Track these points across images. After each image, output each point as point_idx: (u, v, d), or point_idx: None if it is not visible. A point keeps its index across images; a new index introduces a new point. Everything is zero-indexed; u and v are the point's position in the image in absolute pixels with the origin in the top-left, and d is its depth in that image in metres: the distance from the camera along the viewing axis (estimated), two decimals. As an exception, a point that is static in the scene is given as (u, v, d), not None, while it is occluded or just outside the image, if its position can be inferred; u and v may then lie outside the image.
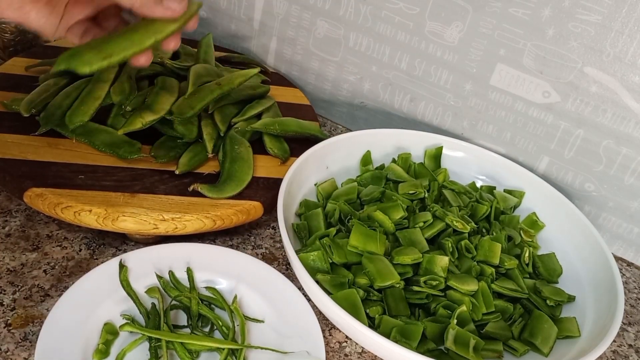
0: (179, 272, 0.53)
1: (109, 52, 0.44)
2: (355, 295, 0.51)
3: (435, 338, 0.51)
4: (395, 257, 0.54)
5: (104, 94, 0.63)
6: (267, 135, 0.67)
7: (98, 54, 0.43)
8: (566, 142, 0.70)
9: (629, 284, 0.68)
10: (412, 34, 0.73)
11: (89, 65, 0.43)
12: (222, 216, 0.56)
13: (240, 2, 0.85)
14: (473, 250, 0.58)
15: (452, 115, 0.76)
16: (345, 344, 0.54)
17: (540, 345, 0.52)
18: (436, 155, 0.71)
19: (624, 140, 0.66)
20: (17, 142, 0.59)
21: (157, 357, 0.47)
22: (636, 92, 0.63)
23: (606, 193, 0.70)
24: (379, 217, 0.58)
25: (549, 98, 0.68)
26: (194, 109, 0.62)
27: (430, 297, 0.54)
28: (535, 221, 0.67)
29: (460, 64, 0.72)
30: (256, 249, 0.61)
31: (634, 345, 0.60)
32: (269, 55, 0.87)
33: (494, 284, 0.56)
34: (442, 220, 0.59)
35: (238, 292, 0.53)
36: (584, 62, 0.64)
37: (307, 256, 0.54)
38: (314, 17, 0.80)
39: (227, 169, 0.60)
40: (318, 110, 0.86)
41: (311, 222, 0.60)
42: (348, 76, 0.81)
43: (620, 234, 0.71)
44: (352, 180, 0.68)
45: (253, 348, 0.49)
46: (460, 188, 0.67)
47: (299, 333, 0.50)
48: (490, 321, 0.53)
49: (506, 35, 0.67)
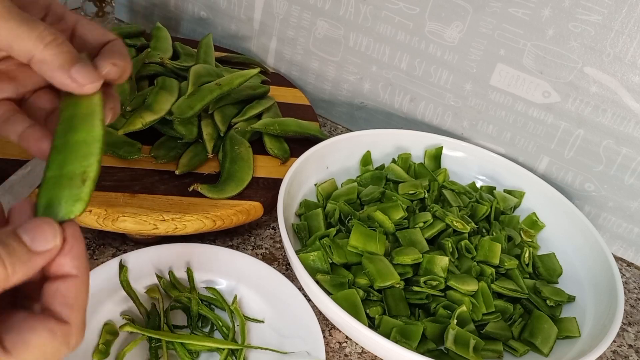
0: (179, 272, 0.53)
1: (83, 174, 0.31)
2: (355, 296, 0.51)
3: (435, 338, 0.51)
4: (395, 257, 0.54)
5: (104, 94, 0.63)
6: (267, 136, 0.67)
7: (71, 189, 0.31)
8: (566, 142, 0.69)
9: (629, 284, 0.68)
10: (412, 34, 0.73)
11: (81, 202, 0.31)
12: (222, 216, 0.56)
13: (240, 2, 0.85)
14: (473, 250, 0.58)
15: (452, 115, 0.76)
16: (345, 344, 0.54)
17: (540, 345, 0.52)
18: (436, 155, 0.71)
19: (624, 140, 0.66)
20: (17, 142, 0.59)
21: (157, 357, 0.47)
22: (636, 92, 0.63)
23: (606, 193, 0.70)
24: (379, 217, 0.58)
25: (549, 98, 0.68)
26: (194, 109, 0.62)
27: (430, 297, 0.54)
28: (535, 221, 0.67)
29: (460, 64, 0.72)
30: (256, 249, 0.61)
31: (634, 345, 0.60)
32: (269, 56, 0.87)
33: (494, 284, 0.56)
34: (442, 220, 0.59)
35: (238, 292, 0.53)
36: (584, 62, 0.64)
37: (307, 256, 0.54)
38: (314, 17, 0.80)
39: (227, 169, 0.60)
40: (318, 110, 0.86)
41: (311, 222, 0.60)
42: (348, 76, 0.81)
43: (620, 234, 0.71)
44: (352, 180, 0.68)
45: (253, 348, 0.49)
46: (460, 188, 0.67)
47: (299, 333, 0.50)
48: (490, 321, 0.53)
49: (506, 35, 0.67)
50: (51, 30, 0.32)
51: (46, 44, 0.31)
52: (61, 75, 0.32)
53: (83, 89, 0.32)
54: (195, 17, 0.91)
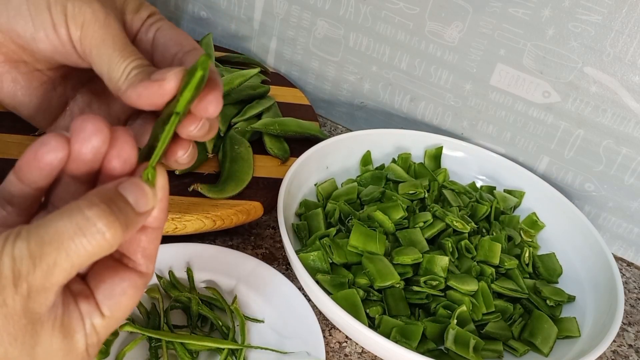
0: (179, 272, 0.53)
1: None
2: (355, 295, 0.51)
3: (435, 338, 0.51)
4: (395, 257, 0.54)
5: (104, 94, 0.63)
6: (267, 135, 0.67)
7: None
8: (566, 142, 0.69)
9: (629, 284, 0.68)
10: (412, 34, 0.73)
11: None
12: (222, 216, 0.56)
13: (240, 2, 0.85)
14: (473, 250, 0.58)
15: (452, 115, 0.76)
16: (345, 344, 0.54)
17: (540, 345, 0.52)
18: (436, 155, 0.71)
19: (624, 140, 0.66)
20: (17, 142, 0.59)
21: (157, 357, 0.47)
22: (636, 92, 0.63)
23: (606, 193, 0.70)
24: (379, 217, 0.58)
25: (549, 98, 0.68)
26: (194, 109, 0.62)
27: (430, 297, 0.54)
28: (535, 221, 0.67)
29: (460, 64, 0.72)
30: (256, 249, 0.61)
31: (634, 345, 0.60)
32: (269, 55, 0.87)
33: (494, 284, 0.56)
34: (442, 220, 0.59)
35: (238, 292, 0.53)
36: (584, 62, 0.64)
37: (307, 256, 0.54)
38: (314, 17, 0.80)
39: (227, 169, 0.60)
40: (318, 110, 0.86)
41: (311, 222, 0.60)
42: (348, 76, 0.81)
43: (620, 234, 0.71)
44: (352, 180, 0.68)
45: (253, 348, 0.49)
46: (460, 188, 0.67)
47: (299, 333, 0.50)
48: (490, 321, 0.53)
49: (506, 35, 0.67)
50: (138, 62, 0.30)
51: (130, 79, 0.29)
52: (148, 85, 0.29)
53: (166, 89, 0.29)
54: (195, 17, 0.91)
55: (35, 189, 0.27)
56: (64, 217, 0.24)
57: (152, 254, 0.29)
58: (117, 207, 0.26)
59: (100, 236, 0.25)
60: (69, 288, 0.27)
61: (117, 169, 0.28)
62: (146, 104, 0.29)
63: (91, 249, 0.25)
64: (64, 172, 0.28)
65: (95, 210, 0.25)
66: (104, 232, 0.25)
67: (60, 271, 0.24)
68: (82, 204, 0.25)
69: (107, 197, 0.26)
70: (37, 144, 0.26)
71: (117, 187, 0.26)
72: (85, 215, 0.24)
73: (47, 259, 0.24)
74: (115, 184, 0.27)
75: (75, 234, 0.24)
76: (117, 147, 0.27)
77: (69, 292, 0.27)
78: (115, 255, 0.29)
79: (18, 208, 0.28)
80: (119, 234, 0.25)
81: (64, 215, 0.25)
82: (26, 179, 0.27)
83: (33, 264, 0.24)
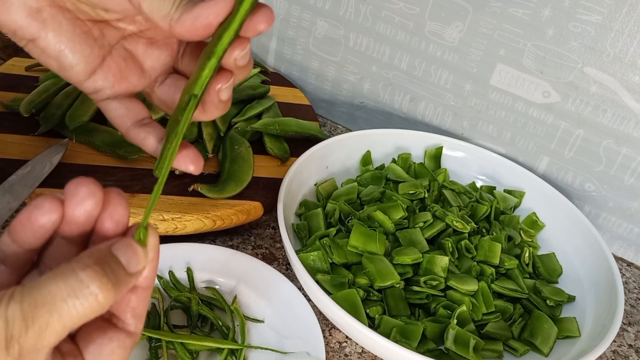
0: (179, 272, 0.53)
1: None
2: (355, 295, 0.51)
3: (435, 338, 0.51)
4: (395, 257, 0.54)
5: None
6: (267, 135, 0.67)
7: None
8: (566, 142, 0.69)
9: (629, 284, 0.68)
10: (412, 34, 0.73)
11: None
12: (222, 216, 0.56)
13: (240, 2, 0.85)
14: (473, 250, 0.58)
15: (452, 115, 0.76)
16: (345, 344, 0.54)
17: (540, 345, 0.52)
18: (436, 155, 0.71)
19: (624, 140, 0.66)
20: (17, 142, 0.59)
21: (157, 357, 0.47)
22: (636, 92, 0.63)
23: (606, 193, 0.70)
24: (379, 217, 0.58)
25: (549, 98, 0.68)
26: (194, 109, 0.62)
27: (430, 297, 0.54)
28: (535, 221, 0.67)
29: (460, 64, 0.72)
30: (256, 249, 0.61)
31: (634, 345, 0.60)
32: (269, 55, 0.87)
33: (494, 284, 0.56)
34: (442, 220, 0.59)
35: (238, 292, 0.53)
36: (584, 62, 0.64)
37: (307, 256, 0.54)
38: (314, 17, 0.80)
39: (227, 169, 0.60)
40: (318, 110, 0.86)
41: (311, 222, 0.60)
42: (348, 76, 0.81)
43: (620, 234, 0.71)
44: (352, 180, 0.68)
45: (253, 348, 0.49)
46: (460, 188, 0.67)
47: (299, 333, 0.50)
48: (490, 321, 0.53)
49: (506, 35, 0.67)
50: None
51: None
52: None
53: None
54: (195, 17, 0.91)
55: (29, 250, 0.28)
56: (58, 279, 0.25)
57: (141, 313, 0.29)
58: (109, 268, 0.26)
59: (93, 298, 0.25)
60: (58, 348, 0.27)
61: (110, 230, 0.28)
62: (201, 25, 0.30)
63: (83, 310, 0.25)
64: (56, 233, 0.28)
65: (89, 272, 0.25)
66: (97, 294, 0.25)
67: (52, 333, 0.24)
68: (76, 267, 0.25)
69: (100, 258, 0.26)
70: (31, 207, 0.27)
71: (109, 248, 0.27)
72: (79, 278, 0.25)
73: (39, 321, 0.24)
74: (108, 245, 0.27)
75: (68, 296, 0.24)
76: (110, 209, 0.28)
77: (58, 352, 0.27)
78: (105, 314, 0.29)
79: (11, 268, 0.28)
80: (112, 295, 0.25)
81: (57, 277, 0.25)
82: (20, 240, 0.27)
83: (25, 325, 0.24)
